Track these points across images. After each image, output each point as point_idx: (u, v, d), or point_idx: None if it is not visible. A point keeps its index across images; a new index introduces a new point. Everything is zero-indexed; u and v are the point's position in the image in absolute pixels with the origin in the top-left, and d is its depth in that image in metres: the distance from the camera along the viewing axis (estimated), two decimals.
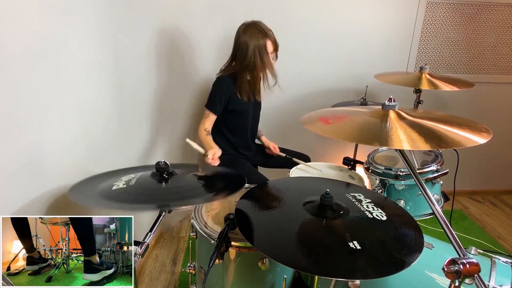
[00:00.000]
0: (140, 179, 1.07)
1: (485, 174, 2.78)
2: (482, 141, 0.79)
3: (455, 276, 0.73)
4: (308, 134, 2.33)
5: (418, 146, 0.79)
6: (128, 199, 0.94)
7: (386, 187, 1.57)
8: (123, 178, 1.07)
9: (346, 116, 0.98)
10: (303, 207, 0.98)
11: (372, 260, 0.79)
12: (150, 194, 1.00)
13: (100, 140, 1.58)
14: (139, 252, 0.91)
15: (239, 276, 1.13)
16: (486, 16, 2.29)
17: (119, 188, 0.99)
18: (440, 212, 0.82)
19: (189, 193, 1.03)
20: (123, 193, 0.97)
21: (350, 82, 2.31)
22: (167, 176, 1.06)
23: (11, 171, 0.97)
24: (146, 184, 1.05)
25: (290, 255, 0.81)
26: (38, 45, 1.11)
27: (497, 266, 1.07)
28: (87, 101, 1.47)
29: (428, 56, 2.36)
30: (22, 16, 1.03)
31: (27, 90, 1.05)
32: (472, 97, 2.47)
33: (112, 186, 1.01)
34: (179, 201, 0.95)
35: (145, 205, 0.97)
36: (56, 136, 1.22)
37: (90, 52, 1.51)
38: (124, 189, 0.99)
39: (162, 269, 1.95)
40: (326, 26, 2.18)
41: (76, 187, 1.06)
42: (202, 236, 1.12)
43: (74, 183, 1.10)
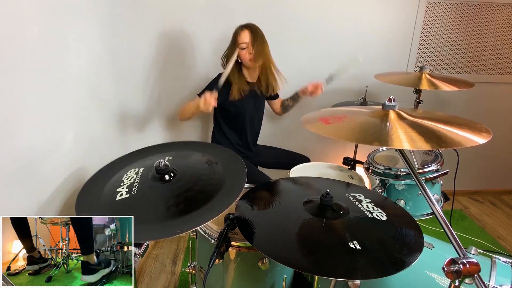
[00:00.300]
0: (141, 184, 1.04)
1: (485, 174, 2.77)
2: (482, 141, 0.79)
3: (455, 276, 0.73)
4: (308, 134, 2.33)
5: (418, 146, 0.79)
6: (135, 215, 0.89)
7: (386, 187, 1.57)
8: (125, 181, 1.06)
9: (346, 116, 0.98)
10: (303, 207, 0.98)
11: (372, 260, 0.79)
12: (154, 211, 0.95)
13: (100, 140, 1.58)
14: (139, 252, 0.91)
15: (239, 276, 1.13)
16: (486, 16, 2.29)
17: (123, 198, 0.97)
18: (440, 212, 0.82)
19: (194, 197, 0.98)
20: (127, 204, 0.95)
21: (350, 82, 2.31)
22: (168, 178, 1.05)
23: (11, 171, 0.97)
24: (148, 193, 1.01)
25: (290, 255, 0.81)
26: (38, 45, 1.11)
27: (497, 266, 1.07)
28: (88, 101, 1.47)
29: (428, 56, 2.36)
30: (22, 16, 1.03)
31: (27, 90, 1.05)
32: (472, 97, 2.47)
33: (115, 194, 0.99)
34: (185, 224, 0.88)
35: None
36: (56, 136, 1.22)
37: (90, 52, 1.51)
38: (127, 200, 0.97)
39: (162, 269, 1.95)
40: (326, 26, 2.18)
41: (82, 196, 1.03)
42: (202, 236, 1.12)
43: (78, 188, 1.08)
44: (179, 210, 0.92)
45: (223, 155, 1.21)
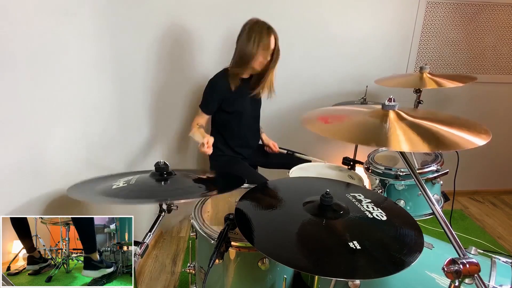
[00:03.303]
0: (139, 178, 1.08)
1: (485, 174, 2.77)
2: (481, 143, 0.79)
3: (455, 276, 0.73)
4: (308, 134, 2.33)
5: (417, 148, 0.78)
6: (129, 195, 0.94)
7: (386, 187, 1.57)
8: (121, 180, 1.07)
9: (345, 115, 0.98)
10: (303, 207, 0.98)
11: (372, 260, 0.79)
12: (150, 190, 1.01)
13: (100, 140, 1.58)
14: (138, 252, 0.91)
15: (239, 276, 1.13)
16: (486, 16, 2.29)
17: (119, 187, 1.00)
18: (440, 212, 0.82)
19: (189, 189, 1.05)
20: (124, 190, 0.97)
21: (350, 82, 2.31)
22: (166, 176, 1.07)
23: (11, 171, 0.97)
24: (146, 183, 1.05)
25: (290, 255, 0.81)
26: (38, 45, 1.11)
27: (497, 266, 1.07)
28: (87, 101, 1.47)
29: (428, 56, 2.36)
30: (22, 16, 1.03)
31: (27, 90, 1.05)
32: (472, 97, 2.47)
33: (111, 186, 1.01)
34: (179, 196, 0.97)
35: (145, 200, 0.98)
36: (56, 136, 1.22)
37: (90, 52, 1.51)
38: (124, 187, 0.99)
39: (162, 269, 1.95)
40: (326, 27, 2.18)
41: (74, 187, 1.06)
42: (202, 236, 1.12)
43: (71, 185, 1.10)
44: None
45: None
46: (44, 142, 1.14)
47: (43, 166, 1.13)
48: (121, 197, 0.92)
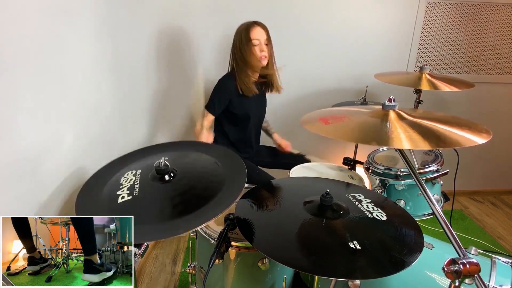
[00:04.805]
0: (142, 184, 1.04)
1: (485, 174, 2.77)
2: (481, 141, 0.79)
3: (455, 276, 0.73)
4: (308, 134, 2.33)
5: (418, 146, 0.79)
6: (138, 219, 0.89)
7: (386, 187, 1.57)
8: (124, 183, 1.05)
9: (345, 116, 0.98)
10: (303, 207, 0.98)
11: (372, 260, 0.79)
12: (157, 212, 0.95)
13: (100, 140, 1.58)
14: (138, 253, 0.91)
15: (239, 276, 1.13)
16: (486, 16, 2.29)
17: (125, 201, 0.97)
18: (440, 212, 0.82)
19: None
20: (130, 207, 0.95)
21: (350, 82, 2.31)
22: (168, 178, 1.05)
23: (11, 171, 0.97)
24: (150, 194, 1.01)
25: (290, 255, 0.81)
26: (38, 45, 1.11)
27: (497, 266, 1.07)
28: (87, 101, 1.47)
29: (428, 56, 2.36)
30: (22, 16, 1.03)
31: (27, 90, 1.05)
32: (472, 97, 2.47)
33: (117, 197, 0.99)
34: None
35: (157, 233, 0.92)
36: (56, 136, 1.22)
37: (90, 52, 1.51)
38: (129, 202, 0.97)
39: (162, 269, 1.95)
40: (326, 26, 2.18)
41: (81, 197, 1.03)
42: (202, 236, 1.12)
43: (78, 188, 1.08)
44: (181, 210, 0.93)
45: (222, 154, 1.21)
46: (44, 142, 1.14)
47: (43, 166, 1.13)
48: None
